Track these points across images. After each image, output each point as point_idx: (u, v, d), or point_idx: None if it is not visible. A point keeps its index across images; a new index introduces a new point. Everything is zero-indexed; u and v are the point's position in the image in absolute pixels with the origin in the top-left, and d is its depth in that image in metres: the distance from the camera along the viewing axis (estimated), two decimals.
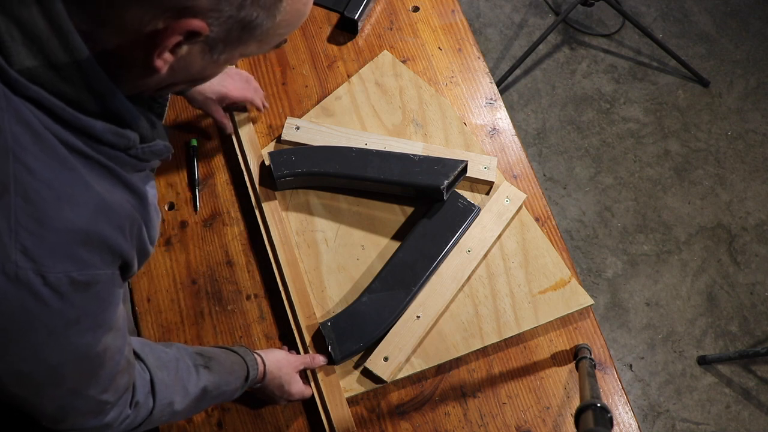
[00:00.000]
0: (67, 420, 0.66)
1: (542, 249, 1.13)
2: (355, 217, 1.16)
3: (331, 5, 1.35)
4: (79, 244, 0.55)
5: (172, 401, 0.78)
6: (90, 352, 0.61)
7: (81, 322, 0.58)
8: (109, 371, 0.65)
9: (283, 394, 1.00)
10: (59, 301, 0.55)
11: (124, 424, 0.72)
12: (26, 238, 0.52)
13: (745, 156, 2.25)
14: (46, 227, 0.53)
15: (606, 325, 1.99)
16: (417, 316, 1.06)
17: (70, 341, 0.58)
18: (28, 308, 0.54)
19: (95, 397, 0.65)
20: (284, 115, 1.25)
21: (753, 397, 1.92)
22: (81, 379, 0.63)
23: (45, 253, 0.53)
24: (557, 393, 1.05)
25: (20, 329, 0.55)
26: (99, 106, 0.56)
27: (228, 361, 0.89)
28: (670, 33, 2.46)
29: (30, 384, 0.60)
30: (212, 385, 0.84)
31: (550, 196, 2.16)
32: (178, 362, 0.80)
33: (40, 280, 0.53)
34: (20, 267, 0.52)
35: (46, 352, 0.57)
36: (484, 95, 1.28)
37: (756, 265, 2.09)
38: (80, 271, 0.56)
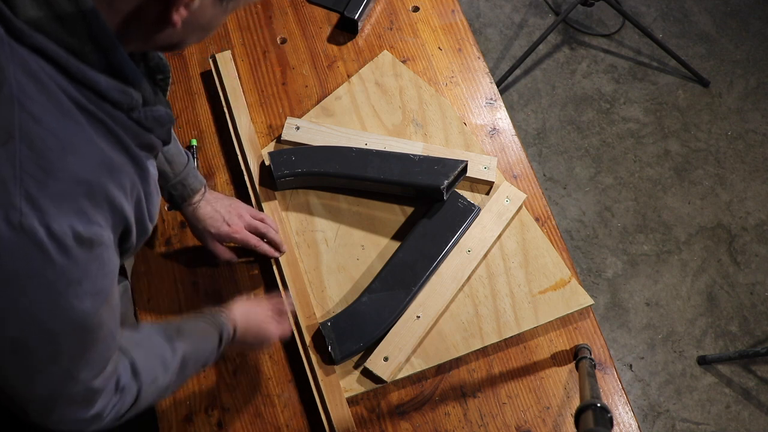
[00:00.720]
0: (56, 409, 0.64)
1: (542, 249, 1.13)
2: (355, 217, 1.16)
3: (331, 5, 1.35)
4: (84, 196, 0.54)
5: (156, 377, 0.76)
6: (87, 323, 0.59)
7: (82, 284, 0.57)
8: (102, 352, 0.64)
9: (263, 341, 0.97)
10: (63, 255, 0.54)
11: (112, 412, 0.70)
12: (31, 185, 0.51)
13: (745, 156, 2.25)
14: (52, 176, 0.52)
15: (606, 325, 1.99)
16: (417, 316, 1.06)
17: (70, 304, 0.57)
18: (30, 261, 0.52)
19: (86, 383, 0.64)
20: (284, 115, 1.26)
21: (753, 397, 1.92)
22: (76, 355, 0.61)
23: (50, 203, 0.52)
24: (557, 393, 1.05)
25: (22, 284, 0.53)
26: (103, 60, 0.56)
27: (197, 327, 0.87)
28: (670, 33, 2.46)
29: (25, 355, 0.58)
30: (189, 352, 0.82)
31: (550, 196, 2.17)
32: (151, 339, 0.79)
33: (45, 231, 0.52)
34: (24, 215, 0.51)
35: (45, 314, 0.56)
36: (484, 95, 1.28)
37: (756, 265, 2.09)
38: (85, 227, 0.55)
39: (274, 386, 1.06)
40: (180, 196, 1.03)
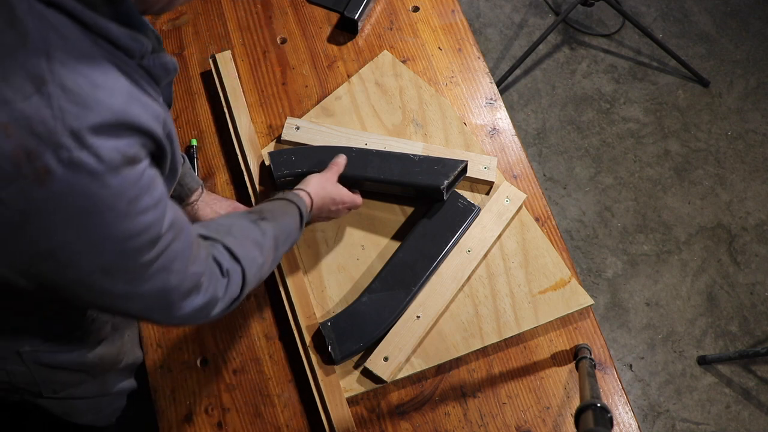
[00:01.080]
0: (175, 305, 0.68)
1: (542, 249, 1.13)
2: (355, 217, 1.16)
3: (331, 5, 1.35)
4: (121, 124, 0.57)
5: (254, 258, 0.81)
6: (159, 229, 0.63)
7: (142, 199, 0.60)
8: (186, 241, 0.68)
9: (339, 209, 1.05)
10: (116, 177, 0.56)
11: (227, 294, 0.75)
12: (73, 120, 0.53)
13: (745, 156, 2.25)
14: (88, 109, 0.54)
15: (606, 325, 1.99)
16: (417, 316, 1.06)
17: (138, 220, 0.60)
18: (90, 192, 0.55)
19: (185, 270, 0.68)
20: (284, 115, 1.26)
21: (753, 397, 1.92)
22: (164, 255, 0.64)
23: (92, 133, 0.54)
24: (557, 393, 1.05)
25: (89, 217, 0.56)
26: (112, 10, 0.59)
27: (277, 206, 0.92)
28: (670, 33, 2.46)
29: (122, 275, 0.62)
30: (277, 231, 0.87)
31: (550, 196, 2.16)
32: (239, 225, 0.83)
33: (94, 158, 0.54)
34: (73, 150, 0.53)
35: (119, 236, 0.59)
36: (484, 95, 1.28)
37: (756, 265, 2.09)
38: (128, 147, 0.58)
39: (274, 386, 1.06)
40: (178, 196, 1.04)
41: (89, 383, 0.99)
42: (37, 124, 0.52)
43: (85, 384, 0.98)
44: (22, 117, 0.52)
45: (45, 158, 0.52)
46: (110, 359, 0.99)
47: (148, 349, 1.08)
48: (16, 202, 0.53)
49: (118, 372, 1.06)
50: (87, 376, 0.97)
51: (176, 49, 1.32)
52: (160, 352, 1.08)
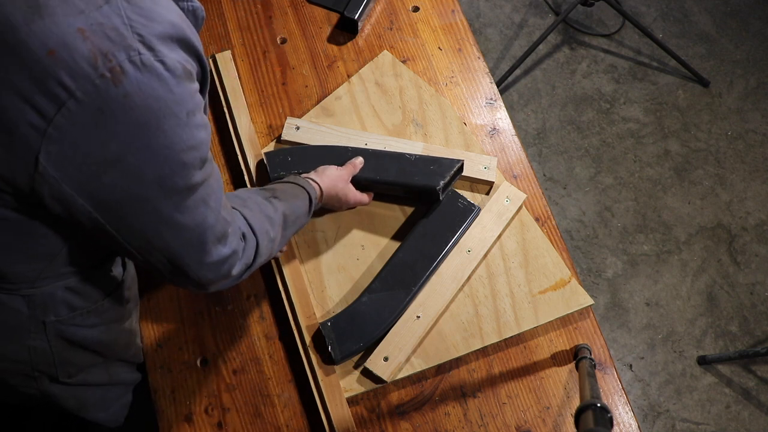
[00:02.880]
0: (207, 245, 0.71)
1: (542, 249, 1.13)
2: (355, 217, 1.16)
3: (331, 5, 1.35)
4: (178, 37, 0.62)
5: (267, 230, 0.84)
6: (206, 152, 0.68)
7: (196, 115, 0.65)
8: (219, 183, 0.73)
9: (342, 205, 1.09)
10: (179, 86, 0.61)
11: (244, 257, 0.78)
12: (140, 28, 0.59)
13: (745, 156, 2.25)
14: (152, 19, 0.60)
15: (606, 325, 1.99)
16: (417, 316, 1.06)
17: (192, 134, 0.64)
18: (159, 95, 0.60)
19: (219, 211, 0.72)
20: (284, 115, 1.26)
21: (753, 397, 1.92)
22: (205, 185, 0.69)
23: (158, 41, 0.60)
24: (557, 393, 1.05)
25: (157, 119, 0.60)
26: None
27: (289, 189, 0.95)
28: (670, 33, 2.46)
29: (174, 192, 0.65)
30: (288, 210, 0.91)
31: (550, 196, 2.16)
32: (254, 199, 0.87)
33: (161, 65, 0.59)
34: (143, 54, 0.58)
35: (178, 146, 0.63)
36: (484, 95, 1.28)
37: (756, 265, 2.09)
38: (186, 62, 0.63)
39: (274, 386, 1.06)
40: None
41: (100, 368, 1.00)
42: (110, 29, 0.57)
43: (96, 368, 0.99)
44: (96, 23, 0.57)
45: (119, 58, 0.57)
46: (123, 341, 1.00)
47: (148, 349, 1.08)
48: (93, 101, 0.57)
49: (124, 361, 1.06)
50: (100, 357, 0.98)
51: None
52: (160, 352, 1.08)
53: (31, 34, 0.56)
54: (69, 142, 0.59)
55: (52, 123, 0.57)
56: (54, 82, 0.56)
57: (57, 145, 0.59)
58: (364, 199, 1.12)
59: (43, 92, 0.57)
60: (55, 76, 0.56)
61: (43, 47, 0.56)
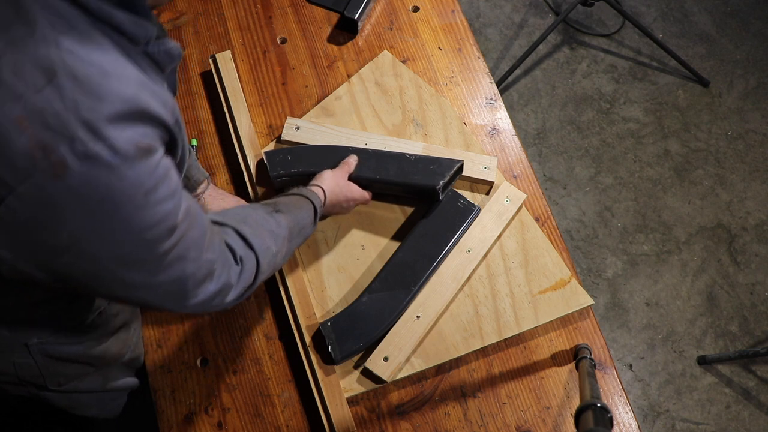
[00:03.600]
0: (189, 292, 0.68)
1: (542, 249, 1.13)
2: (355, 217, 1.16)
3: (331, 5, 1.35)
4: (133, 113, 0.57)
5: (268, 246, 0.81)
6: (177, 218, 0.63)
7: (159, 189, 0.60)
8: (201, 229, 0.68)
9: (350, 204, 1.08)
10: (132, 169, 0.56)
11: (241, 281, 0.76)
12: (85, 111, 0.53)
13: (745, 156, 2.25)
14: (100, 99, 0.54)
15: (606, 325, 1.99)
16: (417, 316, 1.06)
17: (155, 210, 0.60)
18: (107, 185, 0.55)
19: (200, 258, 0.68)
20: (284, 115, 1.25)
21: (753, 397, 1.92)
22: (180, 244, 0.64)
23: (106, 123, 0.54)
24: (557, 393, 1.05)
25: (106, 209, 0.56)
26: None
27: (292, 200, 0.94)
28: (670, 33, 2.46)
29: (139, 265, 0.62)
30: (291, 223, 0.89)
31: (550, 196, 2.16)
32: (254, 214, 0.84)
33: (109, 151, 0.54)
34: (88, 142, 0.53)
35: (137, 227, 0.59)
36: (484, 95, 1.28)
37: (756, 265, 2.09)
38: (142, 138, 0.57)
39: (274, 386, 1.06)
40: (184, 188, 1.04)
41: (93, 376, 1.00)
42: (51, 116, 0.52)
43: (90, 377, 0.99)
44: (36, 110, 0.51)
45: (60, 152, 0.52)
46: (115, 352, 1.00)
47: (148, 349, 1.08)
48: (34, 197, 0.53)
49: (121, 367, 1.06)
50: (91, 368, 0.97)
51: None
52: (160, 352, 1.08)
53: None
54: (16, 234, 0.55)
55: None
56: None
57: (5, 236, 0.56)
58: (366, 194, 1.11)
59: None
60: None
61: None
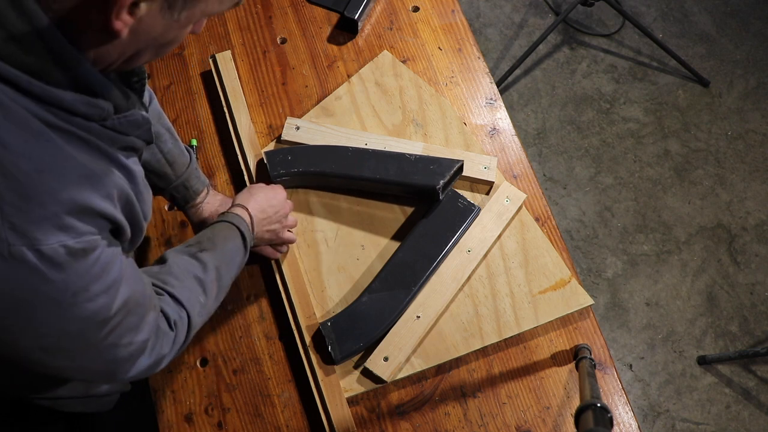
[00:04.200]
0: (120, 369, 0.66)
1: (542, 249, 1.13)
2: (355, 217, 1.16)
3: (331, 5, 1.35)
4: (68, 213, 0.54)
5: (197, 297, 0.78)
6: (111, 311, 0.60)
7: (90, 288, 0.57)
8: (139, 315, 0.66)
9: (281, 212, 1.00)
10: (60, 273, 0.54)
11: (175, 346, 0.73)
12: (12, 214, 0.51)
13: (745, 156, 2.25)
14: (31, 200, 0.51)
15: (606, 325, 1.99)
16: (417, 316, 1.06)
17: (84, 308, 0.57)
18: (29, 286, 0.53)
19: (133, 342, 0.66)
20: (284, 115, 1.25)
21: (753, 397, 1.92)
22: (112, 334, 0.62)
23: (35, 227, 0.52)
24: (557, 393, 1.05)
25: (28, 308, 0.54)
26: (65, 77, 0.54)
27: (216, 232, 0.88)
28: (670, 33, 2.46)
29: (64, 353, 0.59)
30: (218, 260, 0.84)
31: (550, 196, 2.16)
32: (179, 264, 0.80)
33: (35, 254, 0.52)
34: (12, 245, 0.51)
35: (63, 323, 0.57)
36: (484, 95, 1.28)
37: (756, 265, 2.09)
38: (75, 240, 0.54)
39: (274, 386, 1.06)
40: (182, 198, 1.02)
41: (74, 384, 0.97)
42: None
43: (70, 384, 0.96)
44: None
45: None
46: None
47: None
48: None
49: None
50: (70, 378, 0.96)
51: (176, 49, 1.32)
52: None
53: None
54: None
55: None
56: None
57: None
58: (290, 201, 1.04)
59: None
60: None
61: None
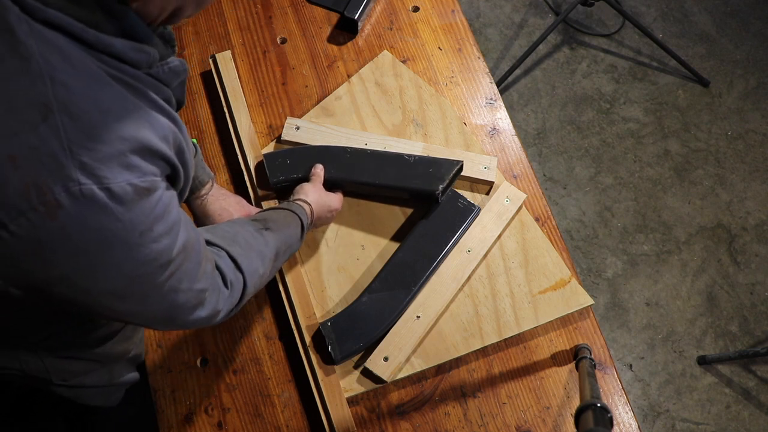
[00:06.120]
0: (177, 318, 0.69)
1: (542, 249, 1.13)
2: (355, 217, 1.16)
3: (331, 5, 1.35)
4: (133, 152, 0.56)
5: (256, 268, 0.81)
6: (172, 253, 0.62)
7: (154, 229, 0.59)
8: (195, 260, 0.68)
9: (333, 214, 1.09)
10: (128, 211, 0.55)
11: (227, 304, 0.76)
12: (82, 153, 0.52)
13: (745, 156, 2.25)
14: (98, 139, 0.53)
15: (606, 325, 1.99)
16: (417, 316, 1.06)
17: (150, 249, 0.59)
18: (101, 226, 0.54)
19: (192, 289, 0.68)
20: (284, 115, 1.25)
21: (753, 397, 1.92)
22: (173, 277, 0.64)
23: (103, 166, 0.53)
24: (557, 393, 1.05)
25: (100, 249, 0.55)
26: (113, 26, 0.57)
27: (281, 216, 0.93)
28: (670, 33, 2.46)
29: (129, 298, 0.62)
30: (279, 241, 0.88)
31: (550, 196, 2.16)
32: (244, 233, 0.83)
33: (105, 193, 0.53)
34: (83, 184, 0.52)
35: (131, 266, 0.58)
36: (484, 95, 1.28)
37: (756, 265, 2.09)
38: (140, 179, 0.56)
39: (274, 386, 1.06)
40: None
41: (99, 372, 1.00)
42: (46, 156, 0.51)
43: (95, 373, 0.99)
44: (31, 148, 0.50)
45: (55, 192, 0.51)
46: (120, 350, 1.00)
47: (148, 348, 1.08)
48: (27, 234, 0.52)
49: (125, 363, 1.06)
50: (98, 365, 0.98)
51: (176, 49, 1.32)
52: (160, 352, 1.08)
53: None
54: (10, 265, 0.55)
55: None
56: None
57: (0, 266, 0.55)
58: (341, 199, 1.11)
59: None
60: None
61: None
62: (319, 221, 1.06)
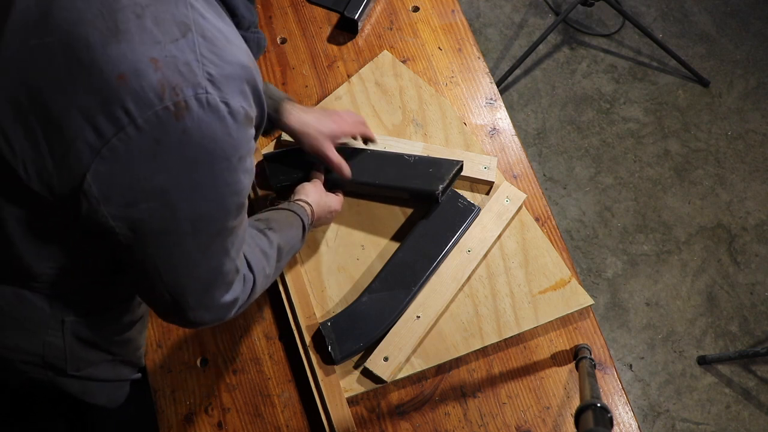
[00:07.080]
0: (214, 288, 0.72)
1: (542, 249, 1.13)
2: (355, 217, 1.16)
3: (331, 5, 1.35)
4: (244, 80, 0.63)
5: (263, 267, 0.83)
6: (244, 199, 0.68)
7: (246, 160, 0.65)
8: (242, 234, 0.73)
9: (333, 214, 1.09)
10: (238, 130, 0.62)
11: (241, 298, 0.78)
12: (211, 67, 0.59)
13: (745, 156, 2.25)
14: (224, 60, 0.60)
15: (606, 325, 1.99)
16: (417, 316, 1.06)
17: (240, 178, 0.65)
18: (215, 136, 0.60)
19: (235, 259, 0.72)
20: None
21: (753, 397, 1.92)
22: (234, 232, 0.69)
23: (226, 84, 0.60)
24: (557, 393, 1.05)
25: (206, 161, 0.61)
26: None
27: (283, 217, 0.95)
28: (670, 33, 2.46)
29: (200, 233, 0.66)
30: (282, 242, 0.90)
31: (550, 196, 2.16)
32: (250, 233, 0.85)
33: (226, 107, 0.60)
34: (210, 93, 0.59)
35: (223, 187, 0.64)
36: (484, 95, 1.28)
37: (756, 265, 2.09)
38: (248, 106, 0.63)
39: (274, 386, 1.06)
40: (272, 107, 1.04)
41: (108, 365, 1.01)
42: (182, 64, 0.58)
43: (105, 365, 1.00)
44: (170, 56, 0.58)
45: (186, 94, 0.58)
46: (134, 344, 1.01)
47: (149, 348, 1.08)
48: (152, 130, 0.57)
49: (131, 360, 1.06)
50: (110, 356, 0.99)
51: None
52: (160, 352, 1.08)
53: (105, 56, 0.57)
54: (119, 166, 0.59)
55: (107, 144, 0.58)
56: (118, 106, 0.57)
57: (107, 166, 0.59)
58: (340, 199, 1.11)
59: (106, 114, 0.57)
60: (120, 101, 0.57)
61: (114, 71, 0.57)
62: (319, 222, 1.06)
